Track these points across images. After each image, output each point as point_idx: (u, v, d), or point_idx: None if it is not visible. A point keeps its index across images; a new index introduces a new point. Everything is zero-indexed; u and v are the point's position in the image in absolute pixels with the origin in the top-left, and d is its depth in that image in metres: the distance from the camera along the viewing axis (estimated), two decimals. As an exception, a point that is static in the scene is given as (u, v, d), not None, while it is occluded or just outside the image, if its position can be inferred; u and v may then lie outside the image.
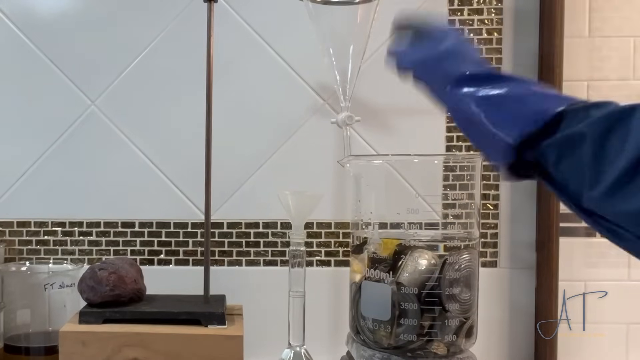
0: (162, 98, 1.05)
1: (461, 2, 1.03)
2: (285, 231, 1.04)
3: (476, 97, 0.54)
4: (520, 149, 0.50)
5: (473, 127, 0.54)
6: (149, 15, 1.04)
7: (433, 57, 0.60)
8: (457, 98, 0.55)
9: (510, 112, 0.51)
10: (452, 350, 0.73)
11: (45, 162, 1.05)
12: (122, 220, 1.05)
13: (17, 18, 1.05)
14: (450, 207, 0.76)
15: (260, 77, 1.04)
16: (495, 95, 0.53)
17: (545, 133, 0.48)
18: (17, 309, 0.95)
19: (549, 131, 0.48)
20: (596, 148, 0.44)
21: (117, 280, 0.86)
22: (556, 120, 0.48)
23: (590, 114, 0.46)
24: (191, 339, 0.81)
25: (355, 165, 0.82)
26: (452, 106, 0.57)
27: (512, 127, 0.50)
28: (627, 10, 1.01)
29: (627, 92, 1.01)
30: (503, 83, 0.53)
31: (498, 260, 1.04)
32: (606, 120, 0.44)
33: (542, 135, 0.48)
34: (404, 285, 0.72)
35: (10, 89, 1.05)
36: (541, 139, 0.48)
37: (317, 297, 0.98)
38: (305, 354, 0.85)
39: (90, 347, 0.81)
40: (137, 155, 1.05)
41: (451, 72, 0.57)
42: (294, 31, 1.02)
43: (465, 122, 0.56)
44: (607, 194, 0.42)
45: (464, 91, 0.55)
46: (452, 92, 0.56)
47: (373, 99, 1.02)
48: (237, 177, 1.05)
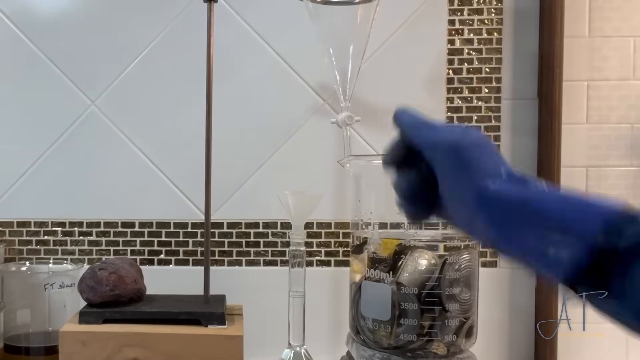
0: (162, 98, 1.05)
1: (461, 2, 1.03)
2: (285, 231, 1.04)
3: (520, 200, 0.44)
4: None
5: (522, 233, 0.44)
6: (149, 15, 1.04)
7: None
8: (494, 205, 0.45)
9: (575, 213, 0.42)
10: (452, 350, 0.73)
11: (45, 162, 1.05)
12: (122, 220, 1.05)
13: (17, 18, 1.05)
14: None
15: (260, 77, 1.04)
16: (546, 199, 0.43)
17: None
18: (17, 309, 0.95)
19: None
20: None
21: (117, 280, 0.86)
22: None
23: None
24: (191, 339, 0.81)
25: (355, 165, 0.82)
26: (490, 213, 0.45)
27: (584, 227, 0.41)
28: (627, 10, 1.01)
29: (627, 92, 1.01)
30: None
31: (498, 260, 1.04)
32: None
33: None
34: (404, 285, 0.72)
35: (10, 89, 1.05)
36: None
37: (317, 297, 0.98)
38: (305, 354, 0.85)
39: (90, 347, 0.81)
40: (137, 155, 1.05)
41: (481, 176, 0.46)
42: (294, 31, 1.02)
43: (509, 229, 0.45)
44: None
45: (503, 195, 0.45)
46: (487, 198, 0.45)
47: (373, 99, 1.02)
48: (237, 177, 1.05)
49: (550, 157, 0.98)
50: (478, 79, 1.03)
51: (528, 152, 1.03)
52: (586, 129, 1.02)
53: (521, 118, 1.03)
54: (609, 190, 1.02)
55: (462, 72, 1.03)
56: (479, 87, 1.03)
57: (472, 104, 1.03)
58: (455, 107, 1.03)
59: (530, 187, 0.44)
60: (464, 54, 1.03)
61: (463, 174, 0.47)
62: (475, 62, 1.03)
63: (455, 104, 1.03)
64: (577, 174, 1.02)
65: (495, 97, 1.03)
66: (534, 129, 1.02)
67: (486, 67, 1.03)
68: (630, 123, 1.02)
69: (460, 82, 1.03)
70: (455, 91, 1.03)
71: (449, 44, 1.03)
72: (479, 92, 1.03)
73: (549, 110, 0.98)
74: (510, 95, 1.03)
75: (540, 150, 1.02)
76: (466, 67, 1.03)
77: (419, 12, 1.03)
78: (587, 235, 0.41)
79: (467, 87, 1.03)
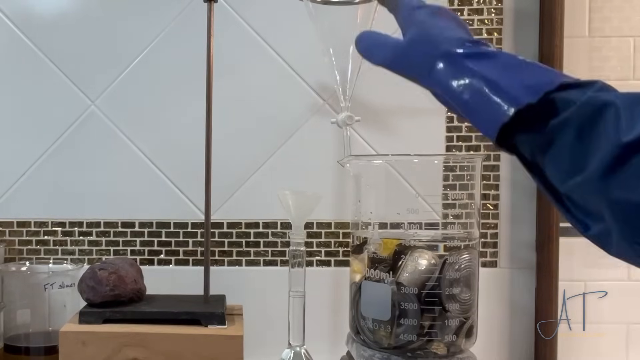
0: (162, 98, 1.05)
1: (461, 2, 1.03)
2: (285, 231, 1.04)
3: (474, 71, 0.47)
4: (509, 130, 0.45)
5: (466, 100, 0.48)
6: (149, 15, 1.04)
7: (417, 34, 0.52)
8: (449, 73, 0.48)
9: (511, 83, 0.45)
10: (452, 350, 0.73)
11: (45, 162, 1.05)
12: (122, 220, 1.05)
13: (17, 18, 1.05)
14: (450, 207, 0.76)
15: (261, 77, 1.04)
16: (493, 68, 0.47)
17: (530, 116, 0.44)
18: (17, 309, 0.95)
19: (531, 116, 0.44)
20: (581, 132, 0.41)
21: (117, 280, 0.86)
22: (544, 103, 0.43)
23: (573, 98, 0.42)
24: (191, 339, 0.81)
25: (355, 165, 0.82)
26: (439, 82, 0.49)
27: (511, 100, 0.44)
28: (627, 10, 1.01)
29: (627, 92, 1.01)
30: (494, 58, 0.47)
31: (498, 260, 1.04)
32: (592, 104, 0.41)
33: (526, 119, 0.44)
34: (404, 285, 0.72)
35: (10, 89, 1.05)
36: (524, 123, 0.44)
37: (317, 297, 0.98)
38: (305, 354, 0.85)
39: (90, 347, 0.81)
40: (137, 155, 1.05)
41: (440, 47, 0.49)
42: (294, 31, 1.02)
43: (457, 98, 0.49)
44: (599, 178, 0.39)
45: (458, 66, 0.48)
46: (441, 67, 0.49)
47: (373, 99, 1.02)
48: (237, 177, 1.05)
49: (550, 157, 0.98)
50: (478, 79, 1.03)
51: (528, 152, 1.03)
52: (586, 129, 1.02)
53: (521, 118, 1.03)
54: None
55: (462, 72, 1.03)
56: (479, 87, 1.03)
57: (472, 104, 1.03)
58: (455, 107, 1.03)
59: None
60: (464, 54, 1.03)
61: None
62: (475, 62, 1.03)
63: (455, 104, 1.03)
64: (577, 174, 1.02)
65: (495, 97, 1.03)
66: (534, 129, 1.02)
67: (486, 67, 1.03)
68: (630, 123, 1.02)
69: (460, 82, 1.03)
70: (455, 91, 1.03)
71: (449, 44, 1.03)
72: (479, 92, 1.03)
73: (549, 110, 0.98)
74: (510, 95, 1.03)
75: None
76: (466, 67, 1.03)
77: (419, 12, 1.03)
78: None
79: (467, 87, 1.03)
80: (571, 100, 0.42)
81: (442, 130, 1.03)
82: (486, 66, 0.47)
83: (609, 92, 0.42)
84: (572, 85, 0.44)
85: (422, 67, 0.50)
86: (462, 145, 1.03)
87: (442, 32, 0.50)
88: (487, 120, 0.45)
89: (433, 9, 0.53)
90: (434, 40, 0.50)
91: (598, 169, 0.39)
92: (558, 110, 0.43)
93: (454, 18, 0.53)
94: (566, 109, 0.42)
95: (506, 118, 0.44)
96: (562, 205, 0.45)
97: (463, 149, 1.03)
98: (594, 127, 0.40)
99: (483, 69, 0.46)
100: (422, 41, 0.51)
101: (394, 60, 0.53)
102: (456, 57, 0.48)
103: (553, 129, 0.43)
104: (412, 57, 0.51)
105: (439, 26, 0.51)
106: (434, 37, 0.50)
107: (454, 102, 0.48)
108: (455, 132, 1.03)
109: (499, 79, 0.45)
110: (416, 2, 0.55)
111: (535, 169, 0.46)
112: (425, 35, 0.51)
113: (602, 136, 0.39)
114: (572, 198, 0.43)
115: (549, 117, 0.43)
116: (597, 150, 0.40)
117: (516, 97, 0.44)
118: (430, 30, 0.51)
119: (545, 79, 0.44)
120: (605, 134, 0.39)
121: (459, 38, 0.49)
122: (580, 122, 0.41)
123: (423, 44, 0.51)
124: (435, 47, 0.50)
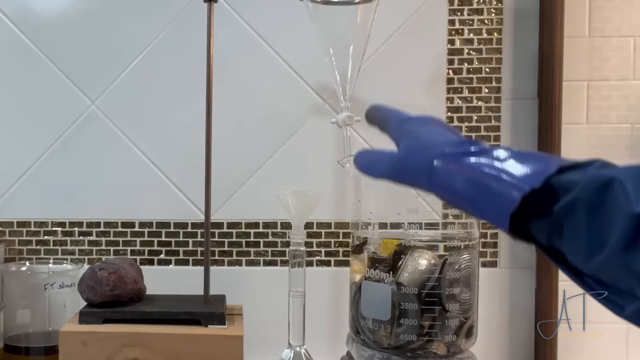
0: (162, 98, 1.05)
1: (461, 2, 1.03)
2: (285, 231, 1.04)
3: (472, 166, 0.47)
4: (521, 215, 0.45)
5: (471, 197, 0.48)
6: (149, 15, 1.04)
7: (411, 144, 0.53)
8: (448, 173, 0.49)
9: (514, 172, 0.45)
10: (452, 350, 0.73)
11: (45, 162, 1.05)
12: (122, 220, 1.05)
13: (17, 18, 1.05)
14: (450, 207, 0.76)
15: (260, 77, 1.04)
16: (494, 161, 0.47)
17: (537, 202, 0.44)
18: (17, 309, 0.95)
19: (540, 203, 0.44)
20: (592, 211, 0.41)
21: (117, 280, 0.86)
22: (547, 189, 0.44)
23: (576, 178, 0.42)
24: (191, 339, 0.81)
25: (355, 165, 0.82)
26: (441, 183, 0.50)
27: (519, 186, 0.44)
28: (627, 10, 1.01)
29: (627, 92, 1.01)
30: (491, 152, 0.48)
31: (498, 260, 1.04)
32: (596, 182, 0.41)
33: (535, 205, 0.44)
34: (404, 285, 0.72)
35: (10, 89, 1.05)
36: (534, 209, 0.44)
37: (317, 297, 0.98)
38: (305, 354, 0.85)
39: (90, 347, 0.81)
40: (137, 155, 1.05)
41: (434, 151, 0.50)
42: (294, 31, 1.02)
43: (460, 194, 0.49)
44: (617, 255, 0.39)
45: (456, 164, 0.48)
46: (439, 169, 0.49)
47: (373, 99, 1.02)
48: (237, 177, 1.05)
49: (550, 157, 0.98)
50: (478, 79, 1.03)
51: (528, 152, 1.03)
52: (586, 129, 1.02)
53: (521, 118, 1.03)
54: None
55: (462, 72, 1.03)
56: (479, 87, 1.03)
57: (472, 104, 1.03)
58: (455, 107, 1.03)
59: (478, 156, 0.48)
60: (464, 54, 1.03)
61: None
62: (475, 62, 1.03)
63: (455, 104, 1.03)
64: (577, 174, 1.02)
65: (495, 97, 1.03)
66: (534, 129, 1.02)
67: (486, 67, 1.03)
68: (630, 123, 1.02)
69: (460, 82, 1.03)
70: (455, 91, 1.03)
71: (449, 44, 1.03)
72: (479, 92, 1.03)
73: (549, 110, 0.98)
74: (510, 95, 1.03)
75: (540, 151, 1.02)
76: (466, 67, 1.03)
77: (419, 12, 1.03)
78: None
79: (467, 87, 1.03)
80: (575, 180, 0.42)
81: (442, 130, 1.03)
82: (484, 161, 0.47)
83: (610, 168, 0.42)
84: (571, 167, 0.44)
85: (421, 173, 0.51)
86: (462, 145, 1.03)
87: (433, 137, 0.52)
88: (495, 212, 0.46)
89: (421, 118, 0.55)
90: (427, 145, 0.51)
91: (618, 244, 0.39)
92: (564, 192, 0.43)
93: (442, 124, 0.55)
94: (572, 190, 0.42)
95: (513, 206, 0.44)
96: (591, 288, 0.44)
97: (463, 149, 1.03)
98: (603, 203, 0.40)
99: (481, 164, 0.47)
100: (416, 149, 0.52)
101: (392, 172, 0.54)
102: (452, 157, 0.49)
103: (563, 211, 0.43)
104: (409, 165, 0.52)
105: (429, 132, 0.53)
106: (427, 142, 0.52)
107: (459, 201, 0.49)
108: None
109: (499, 171, 0.46)
110: (404, 114, 0.57)
111: (555, 254, 0.46)
112: (418, 142, 0.52)
113: (615, 211, 0.39)
114: (600, 278, 0.42)
115: (555, 200, 0.43)
116: (613, 225, 0.39)
117: (519, 185, 0.44)
118: (422, 137, 0.53)
119: (543, 164, 0.45)
120: (617, 208, 0.39)
121: (451, 140, 0.50)
122: (589, 200, 0.41)
123: (417, 151, 0.52)
124: (430, 151, 0.50)
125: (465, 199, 0.48)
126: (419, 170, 0.51)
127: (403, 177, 0.54)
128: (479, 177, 0.47)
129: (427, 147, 0.51)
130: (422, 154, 0.51)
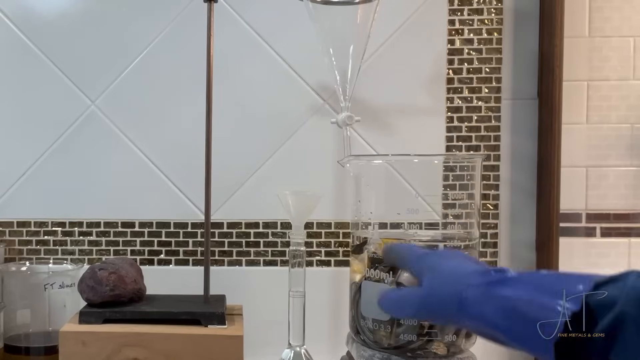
0: (162, 98, 1.05)
1: (461, 2, 1.03)
2: (285, 231, 1.04)
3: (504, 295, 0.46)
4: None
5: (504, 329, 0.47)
6: (149, 15, 1.04)
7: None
8: (478, 303, 0.48)
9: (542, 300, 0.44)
10: (452, 350, 0.73)
11: (45, 162, 1.05)
12: (122, 220, 1.05)
13: (17, 18, 1.05)
14: (450, 207, 0.76)
15: (260, 77, 1.04)
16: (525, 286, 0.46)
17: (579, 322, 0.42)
18: (17, 309, 0.95)
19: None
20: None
21: (117, 280, 0.86)
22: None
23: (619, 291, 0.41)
24: (191, 339, 0.81)
25: (355, 165, 0.82)
26: (471, 314, 0.49)
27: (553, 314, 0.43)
28: (627, 10, 1.01)
29: (627, 92, 1.01)
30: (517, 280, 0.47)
31: (498, 260, 1.04)
32: (638, 294, 0.40)
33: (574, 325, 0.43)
34: (404, 286, 0.72)
35: (10, 89, 1.05)
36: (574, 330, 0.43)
37: (317, 297, 0.98)
38: (305, 354, 0.85)
39: (90, 347, 0.81)
40: (137, 155, 1.05)
41: (460, 282, 0.49)
42: (294, 31, 1.02)
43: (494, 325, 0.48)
44: None
45: (485, 294, 0.48)
46: (468, 301, 0.49)
47: (373, 99, 1.03)
48: (237, 177, 1.05)
49: (550, 157, 0.98)
50: (478, 79, 1.03)
51: (528, 152, 1.03)
52: (586, 129, 1.03)
53: (521, 118, 1.03)
54: (609, 190, 1.02)
55: (462, 72, 1.03)
56: (479, 87, 1.03)
57: (472, 104, 1.03)
58: (455, 107, 1.03)
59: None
60: (464, 54, 1.03)
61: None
62: (475, 62, 1.03)
63: (455, 104, 1.03)
64: (577, 174, 1.03)
65: (495, 97, 1.03)
66: (534, 129, 1.03)
67: (486, 67, 1.03)
68: (630, 123, 1.02)
69: (460, 82, 1.03)
70: (455, 91, 1.03)
71: (449, 44, 1.03)
72: (479, 92, 1.03)
73: (549, 110, 0.98)
74: (510, 95, 1.03)
75: (540, 150, 1.02)
76: (466, 67, 1.03)
77: (419, 12, 1.03)
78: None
79: (467, 87, 1.03)
80: (615, 295, 0.41)
81: (442, 130, 1.03)
82: (514, 289, 0.46)
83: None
84: (606, 282, 0.42)
85: (449, 307, 0.50)
86: (462, 145, 1.03)
87: (457, 269, 0.51)
88: (537, 343, 0.44)
89: (439, 253, 0.55)
90: (452, 278, 0.50)
91: None
92: (606, 309, 0.41)
93: (462, 255, 0.54)
94: (614, 306, 0.41)
95: (557, 333, 0.42)
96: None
97: (463, 149, 1.03)
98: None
99: (512, 292, 0.45)
100: (441, 283, 0.51)
101: (419, 311, 0.54)
102: (480, 287, 0.48)
103: (610, 328, 0.41)
104: (436, 301, 0.51)
105: (451, 264, 0.52)
106: (451, 275, 0.50)
107: (492, 331, 0.47)
108: (455, 132, 1.03)
109: (532, 297, 0.44)
110: (420, 250, 0.57)
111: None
112: (442, 276, 0.51)
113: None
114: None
115: (598, 320, 0.42)
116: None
117: (557, 309, 0.42)
118: (445, 271, 0.51)
119: (576, 283, 0.43)
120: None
121: (475, 270, 0.49)
122: (635, 313, 0.40)
123: (443, 285, 0.51)
124: (456, 283, 0.49)
125: (500, 330, 0.46)
126: (447, 304, 0.50)
127: (432, 313, 0.53)
128: (511, 305, 0.45)
129: (452, 280, 0.50)
130: (448, 288, 0.50)
